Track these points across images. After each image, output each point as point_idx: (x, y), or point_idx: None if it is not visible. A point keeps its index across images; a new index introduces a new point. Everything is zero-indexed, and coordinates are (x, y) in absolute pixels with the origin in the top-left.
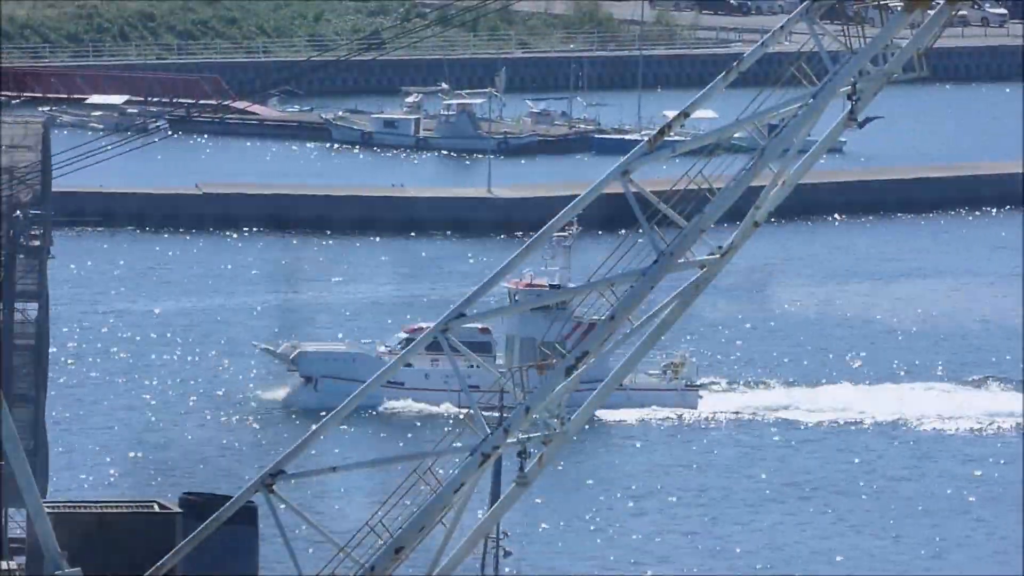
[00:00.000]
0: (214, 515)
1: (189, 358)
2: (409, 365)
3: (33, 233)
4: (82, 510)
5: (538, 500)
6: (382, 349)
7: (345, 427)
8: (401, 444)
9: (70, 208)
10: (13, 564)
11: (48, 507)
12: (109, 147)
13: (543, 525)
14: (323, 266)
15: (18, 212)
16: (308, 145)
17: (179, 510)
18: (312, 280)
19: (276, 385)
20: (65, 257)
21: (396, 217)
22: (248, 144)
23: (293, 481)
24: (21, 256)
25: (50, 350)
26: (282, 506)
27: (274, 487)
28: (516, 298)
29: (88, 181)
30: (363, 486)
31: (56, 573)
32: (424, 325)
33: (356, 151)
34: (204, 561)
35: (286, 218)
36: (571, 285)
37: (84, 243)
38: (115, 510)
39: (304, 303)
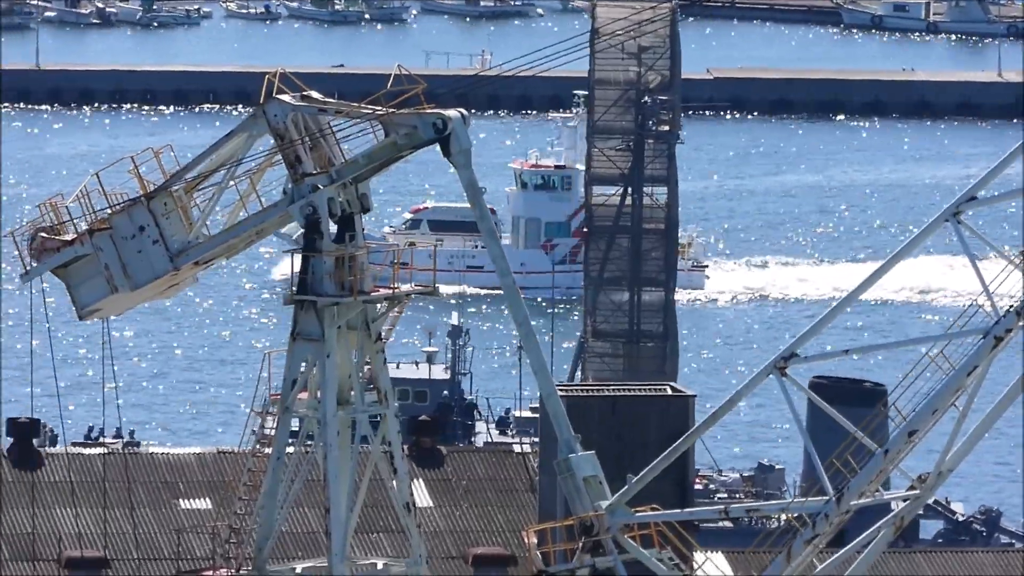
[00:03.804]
0: (731, 396)
1: None
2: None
3: (662, 118)
4: (596, 394)
5: None
6: (387, 230)
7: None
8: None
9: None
10: (527, 447)
11: (562, 391)
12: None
13: None
14: (831, 150)
15: (647, 98)
16: (818, 29)
17: (693, 393)
18: (818, 163)
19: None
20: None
21: (906, 100)
22: (758, 28)
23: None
24: (650, 141)
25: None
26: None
27: (787, 370)
28: (522, 178)
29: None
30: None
31: (570, 456)
32: (427, 205)
33: (866, 35)
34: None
35: (795, 102)
36: (577, 166)
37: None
38: (629, 394)
39: (806, 184)
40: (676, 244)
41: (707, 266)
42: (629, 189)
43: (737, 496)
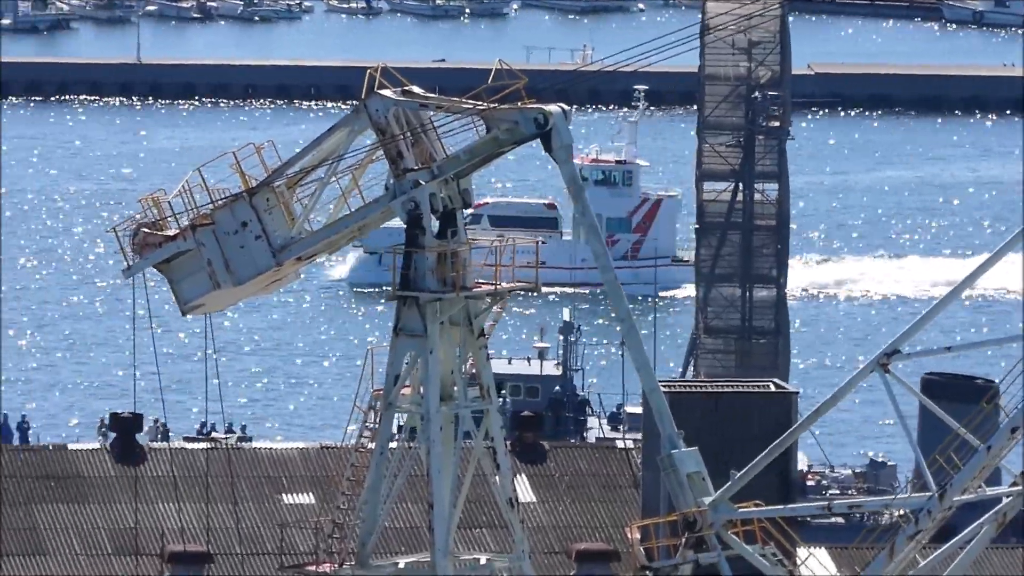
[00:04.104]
0: (834, 392)
1: None
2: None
3: (772, 114)
4: (698, 390)
5: None
6: None
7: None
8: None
9: None
10: (629, 443)
11: (665, 387)
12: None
13: None
14: (931, 146)
15: (757, 93)
16: (919, 24)
17: (796, 389)
18: (919, 158)
19: (338, 261)
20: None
21: (1006, 96)
22: (859, 24)
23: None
24: (760, 137)
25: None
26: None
27: (889, 367)
28: (582, 173)
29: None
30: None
31: (673, 452)
32: (488, 200)
33: (967, 30)
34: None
35: (896, 97)
36: (638, 161)
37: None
38: (732, 390)
39: (906, 180)
40: (788, 240)
41: None
42: (740, 185)
43: (849, 492)
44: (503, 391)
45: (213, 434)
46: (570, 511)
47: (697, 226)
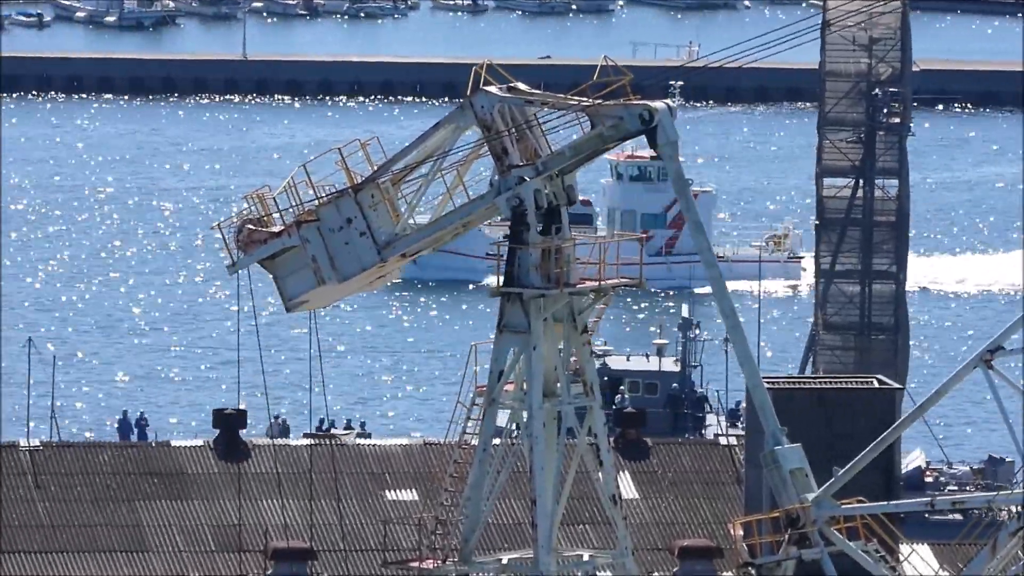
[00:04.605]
0: (937, 388)
1: None
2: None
3: (893, 110)
4: (802, 386)
5: None
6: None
7: None
8: None
9: None
10: (732, 439)
11: (768, 383)
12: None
13: None
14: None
15: (877, 90)
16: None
17: (900, 386)
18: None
19: None
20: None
21: None
22: (963, 20)
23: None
24: (881, 133)
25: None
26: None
27: (993, 363)
28: (618, 169)
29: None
30: None
31: (777, 448)
32: None
33: None
34: None
35: (999, 94)
36: None
37: None
38: (836, 386)
39: (1011, 176)
40: (907, 236)
41: (803, 258)
42: (860, 181)
43: (967, 489)
44: (622, 387)
45: (332, 431)
46: (673, 507)
47: (817, 222)
